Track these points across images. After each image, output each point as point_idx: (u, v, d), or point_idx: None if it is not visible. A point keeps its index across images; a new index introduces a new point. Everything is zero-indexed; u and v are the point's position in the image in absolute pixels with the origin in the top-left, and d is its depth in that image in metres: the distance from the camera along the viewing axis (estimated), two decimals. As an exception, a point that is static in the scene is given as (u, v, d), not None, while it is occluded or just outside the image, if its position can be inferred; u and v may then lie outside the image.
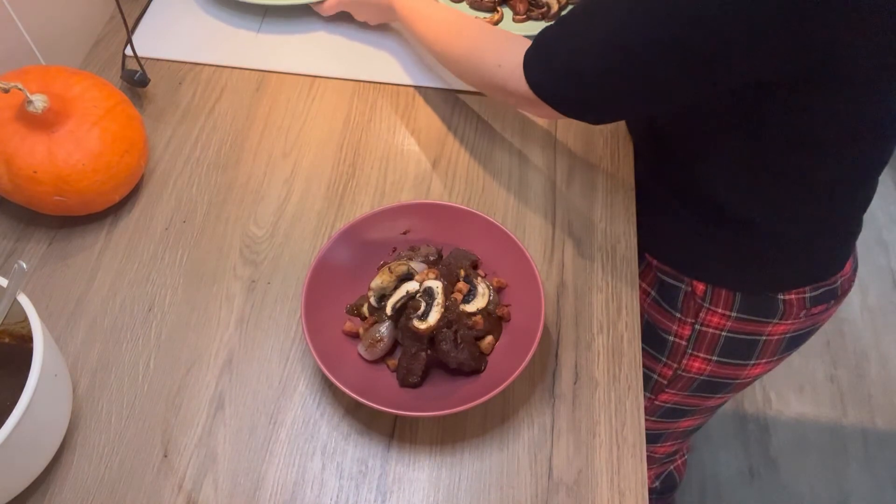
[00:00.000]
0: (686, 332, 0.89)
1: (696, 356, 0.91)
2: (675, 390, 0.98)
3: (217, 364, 0.76)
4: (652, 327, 0.93)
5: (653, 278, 0.91)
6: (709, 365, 0.91)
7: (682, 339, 0.90)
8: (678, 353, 0.92)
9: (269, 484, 0.69)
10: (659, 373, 0.97)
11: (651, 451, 1.17)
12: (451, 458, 0.71)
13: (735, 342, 0.87)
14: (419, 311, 0.71)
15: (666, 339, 0.92)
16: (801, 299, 0.83)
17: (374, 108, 0.98)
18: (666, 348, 0.93)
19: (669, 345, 0.92)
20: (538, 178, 0.91)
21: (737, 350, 0.88)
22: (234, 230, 0.86)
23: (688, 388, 0.96)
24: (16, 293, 0.64)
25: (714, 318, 0.86)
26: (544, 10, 1.05)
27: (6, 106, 0.77)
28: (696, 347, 0.90)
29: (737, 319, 0.85)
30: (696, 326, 0.88)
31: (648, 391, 1.01)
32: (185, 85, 1.00)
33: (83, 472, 0.70)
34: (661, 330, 0.92)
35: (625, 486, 0.69)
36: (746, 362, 0.90)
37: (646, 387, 1.00)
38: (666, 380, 0.97)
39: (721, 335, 0.87)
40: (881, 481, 1.63)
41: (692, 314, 0.87)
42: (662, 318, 0.91)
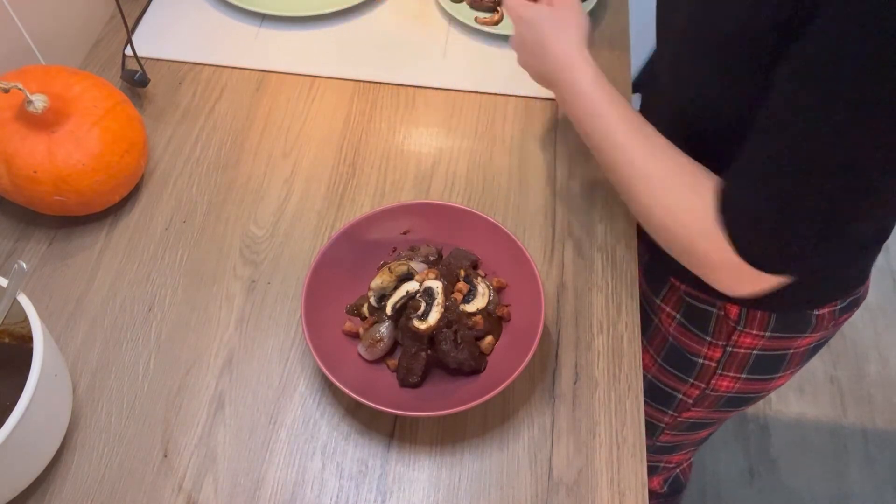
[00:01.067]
0: (717, 354, 0.86)
1: (726, 375, 0.89)
2: (702, 408, 0.96)
3: (217, 364, 0.76)
4: (678, 350, 0.90)
5: (678, 301, 0.87)
6: (737, 383, 0.89)
7: (712, 360, 0.87)
8: (707, 374, 0.90)
9: (269, 484, 0.69)
10: (685, 393, 0.95)
11: (665, 461, 1.17)
12: (451, 458, 0.71)
13: (765, 358, 0.85)
14: (419, 311, 0.71)
15: (694, 362, 0.89)
16: (832, 311, 0.81)
17: (374, 108, 0.98)
18: (694, 370, 0.90)
19: (698, 367, 0.89)
20: (538, 178, 0.91)
21: (766, 366, 0.86)
22: (234, 230, 0.86)
23: (714, 405, 0.95)
24: (16, 293, 0.64)
25: (747, 339, 0.83)
26: (544, 10, 1.05)
27: (6, 106, 0.77)
28: (725, 368, 0.87)
29: (770, 338, 0.83)
30: (727, 348, 0.85)
31: (672, 409, 0.99)
32: (185, 85, 1.00)
33: (83, 472, 0.69)
34: (689, 353, 0.89)
35: (625, 486, 0.69)
36: (773, 376, 0.88)
37: (669, 406, 0.98)
38: (692, 399, 0.95)
39: (752, 353, 0.85)
40: (881, 481, 1.63)
41: (724, 337, 0.84)
42: (690, 342, 0.88)
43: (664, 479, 1.26)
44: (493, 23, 1.05)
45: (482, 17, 1.06)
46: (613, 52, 1.05)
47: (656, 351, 0.94)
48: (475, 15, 1.06)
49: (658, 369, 0.96)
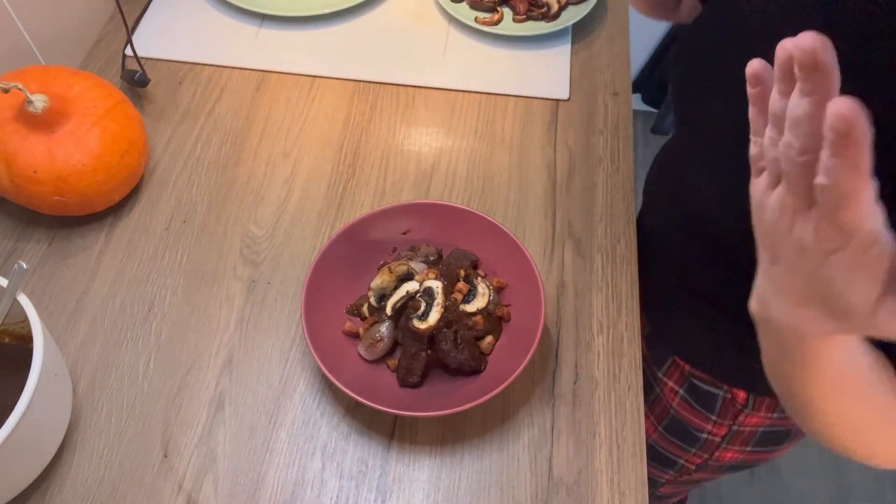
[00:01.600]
0: (722, 431, 0.85)
1: (731, 448, 0.88)
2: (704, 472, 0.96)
3: (217, 364, 0.76)
4: (681, 423, 0.88)
5: (681, 377, 0.86)
6: (742, 454, 0.89)
7: (717, 436, 0.86)
8: (711, 447, 0.89)
9: (269, 484, 0.69)
10: (687, 460, 0.94)
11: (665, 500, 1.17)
12: (451, 458, 0.71)
13: (772, 434, 0.84)
14: (419, 311, 0.71)
15: (698, 436, 0.88)
16: None
17: (374, 108, 0.98)
18: (697, 443, 0.89)
19: (702, 440, 0.88)
20: (538, 178, 0.91)
21: (772, 439, 0.86)
22: (234, 230, 0.86)
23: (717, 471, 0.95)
24: (16, 293, 0.64)
25: (754, 419, 0.82)
26: (544, 10, 1.05)
27: (6, 106, 0.77)
28: (731, 443, 0.87)
29: (778, 418, 0.82)
30: (733, 427, 0.84)
31: (675, 471, 0.97)
32: (185, 85, 1.00)
33: (83, 472, 0.70)
34: (693, 428, 0.88)
35: (625, 485, 0.69)
36: (778, 447, 0.88)
37: (671, 468, 0.97)
38: (694, 466, 0.94)
39: (758, 430, 0.84)
40: (881, 481, 1.63)
41: (730, 417, 0.83)
42: (694, 418, 0.87)
43: None
44: (493, 23, 1.05)
45: (482, 17, 1.06)
46: (613, 52, 1.05)
47: (657, 419, 0.92)
48: (475, 15, 1.06)
49: (659, 436, 0.94)
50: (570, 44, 1.06)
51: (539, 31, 1.04)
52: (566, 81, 1.01)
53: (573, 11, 1.06)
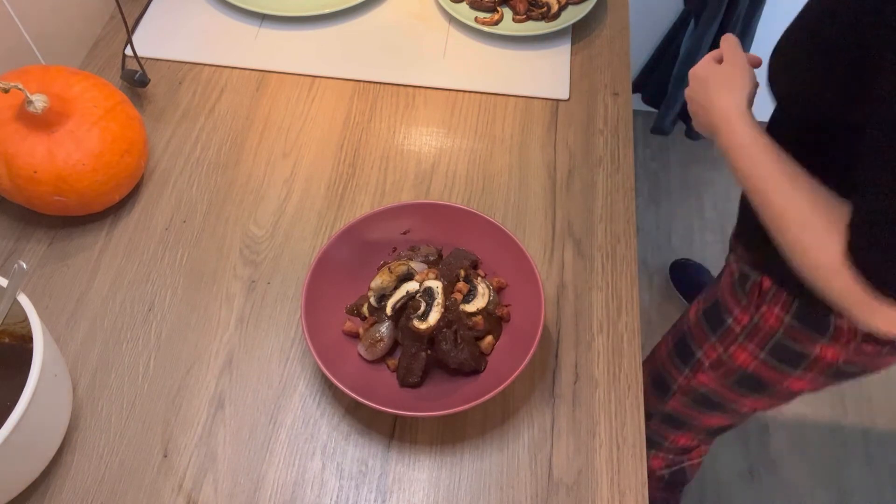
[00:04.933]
0: (745, 319, 0.89)
1: (746, 347, 0.90)
2: (715, 375, 0.97)
3: (217, 364, 0.76)
4: (718, 305, 0.94)
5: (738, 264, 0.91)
6: (754, 360, 0.91)
7: (739, 324, 0.90)
8: (729, 338, 0.92)
9: (269, 484, 0.69)
10: (705, 352, 0.97)
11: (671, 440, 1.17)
12: (451, 458, 0.71)
13: (785, 349, 0.86)
14: (419, 311, 0.71)
15: (725, 320, 0.92)
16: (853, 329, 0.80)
17: (374, 108, 0.98)
18: (721, 328, 0.93)
19: (725, 326, 0.92)
20: (538, 178, 0.91)
21: (785, 356, 0.87)
22: (234, 230, 0.86)
23: (727, 377, 0.96)
24: (16, 293, 0.64)
25: (771, 317, 0.85)
26: (544, 10, 1.05)
27: (6, 106, 0.77)
28: (748, 338, 0.90)
29: (790, 326, 0.84)
30: (754, 318, 0.88)
31: (689, 368, 1.01)
32: (185, 85, 1.00)
33: (83, 472, 0.70)
34: (724, 309, 0.92)
35: (625, 485, 0.69)
36: (791, 371, 0.89)
37: (687, 362, 1.01)
38: (709, 361, 0.97)
39: (774, 336, 0.86)
40: (881, 481, 1.63)
41: (753, 305, 0.87)
42: (730, 298, 0.91)
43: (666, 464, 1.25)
44: (492, 23, 1.05)
45: (482, 17, 1.06)
46: (613, 51, 1.05)
47: (705, 301, 0.98)
48: (475, 15, 1.06)
49: (696, 320, 0.98)
50: (570, 44, 1.06)
51: (539, 31, 1.04)
52: (566, 81, 1.01)
53: (573, 11, 1.06)
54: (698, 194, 2.05)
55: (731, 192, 2.04)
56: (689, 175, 2.09)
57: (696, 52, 1.65)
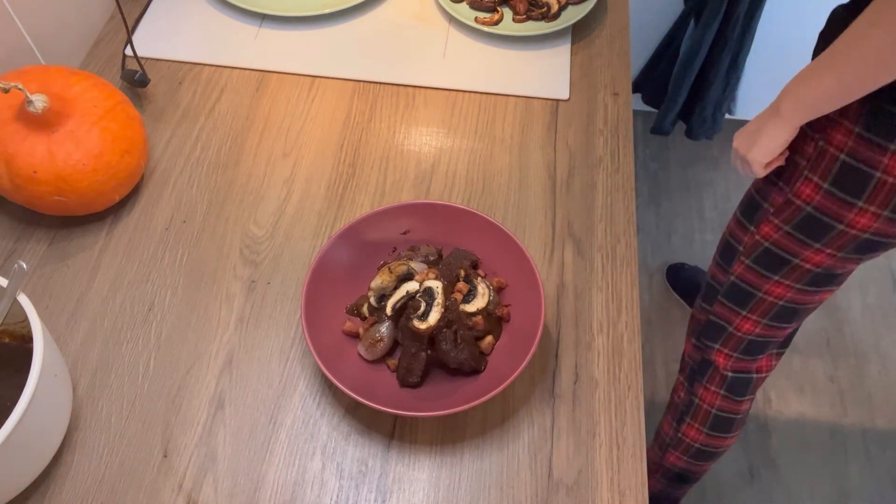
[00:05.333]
0: (810, 149, 0.90)
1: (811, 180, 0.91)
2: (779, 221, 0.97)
3: (217, 364, 0.76)
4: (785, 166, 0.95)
5: None
6: (818, 193, 0.90)
7: (804, 157, 0.91)
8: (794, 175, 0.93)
9: (269, 484, 0.69)
10: (771, 200, 0.98)
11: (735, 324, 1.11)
12: (451, 458, 0.71)
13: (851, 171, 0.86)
14: (419, 311, 0.71)
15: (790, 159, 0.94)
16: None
17: (374, 108, 0.98)
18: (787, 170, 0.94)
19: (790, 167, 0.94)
20: (538, 178, 0.91)
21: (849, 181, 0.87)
22: (234, 230, 0.86)
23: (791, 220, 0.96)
24: (16, 293, 0.64)
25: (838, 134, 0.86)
26: (544, 10, 1.05)
27: (6, 106, 0.77)
28: (812, 169, 0.90)
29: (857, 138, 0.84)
30: (820, 143, 0.88)
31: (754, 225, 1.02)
32: (185, 85, 1.00)
33: (83, 472, 0.70)
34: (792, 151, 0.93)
35: (625, 485, 0.69)
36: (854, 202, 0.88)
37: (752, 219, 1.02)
38: (774, 208, 0.97)
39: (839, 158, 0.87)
40: (881, 481, 1.63)
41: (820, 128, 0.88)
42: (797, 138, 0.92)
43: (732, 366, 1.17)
44: (492, 23, 1.05)
45: (482, 17, 1.06)
46: (613, 52, 1.05)
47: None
48: (475, 15, 1.06)
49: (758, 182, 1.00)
50: (570, 44, 1.06)
51: (539, 31, 1.04)
52: (566, 81, 1.01)
53: (573, 11, 1.06)
54: (698, 194, 2.05)
55: (732, 192, 2.05)
56: (689, 175, 2.09)
57: (696, 52, 1.65)
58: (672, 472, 1.36)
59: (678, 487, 1.41)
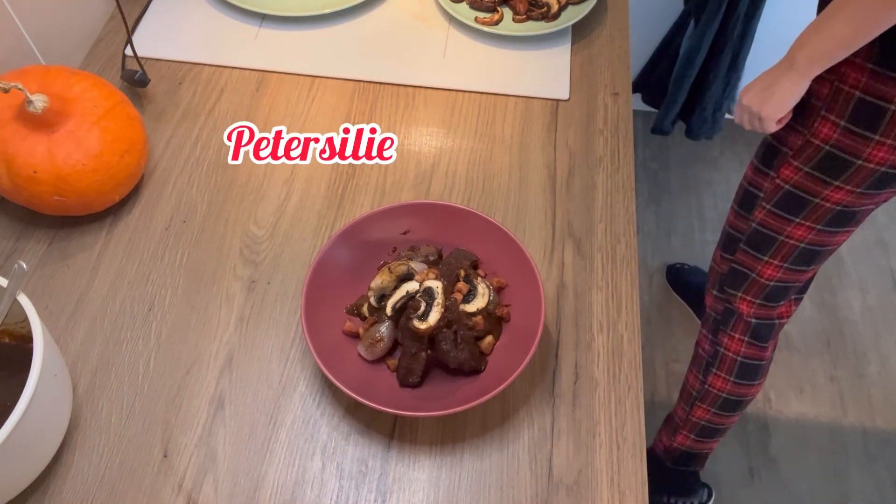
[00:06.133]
0: (825, 90, 0.91)
1: (827, 119, 0.92)
2: (798, 162, 0.98)
3: (217, 364, 0.76)
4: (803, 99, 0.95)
5: None
6: (836, 131, 0.92)
7: (820, 98, 0.92)
8: (811, 117, 0.94)
9: (269, 484, 0.69)
10: (790, 144, 0.99)
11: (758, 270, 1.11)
12: (451, 458, 0.71)
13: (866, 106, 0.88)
14: (419, 311, 0.71)
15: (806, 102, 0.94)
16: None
17: (374, 108, 0.98)
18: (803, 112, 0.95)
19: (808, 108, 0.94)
20: (538, 178, 0.91)
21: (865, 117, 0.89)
22: (234, 230, 0.86)
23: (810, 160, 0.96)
24: (16, 293, 0.64)
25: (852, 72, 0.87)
26: (544, 9, 1.05)
27: (6, 106, 0.77)
28: (828, 109, 0.91)
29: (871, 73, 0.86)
30: (835, 83, 0.90)
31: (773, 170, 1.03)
32: (185, 85, 1.00)
33: (83, 472, 0.70)
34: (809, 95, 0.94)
35: (625, 486, 0.69)
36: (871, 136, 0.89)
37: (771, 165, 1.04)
38: (793, 151, 0.98)
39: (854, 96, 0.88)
40: (881, 481, 1.63)
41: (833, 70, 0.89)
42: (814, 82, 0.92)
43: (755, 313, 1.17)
44: (492, 23, 1.05)
45: (482, 17, 1.06)
46: (613, 52, 1.05)
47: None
48: (475, 15, 1.06)
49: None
50: (570, 44, 1.06)
51: (539, 31, 1.04)
52: (566, 81, 1.01)
53: (573, 11, 1.06)
54: (698, 194, 2.05)
55: (731, 192, 2.04)
56: (689, 175, 2.09)
57: (696, 52, 1.65)
58: (700, 427, 1.35)
59: (706, 442, 1.40)
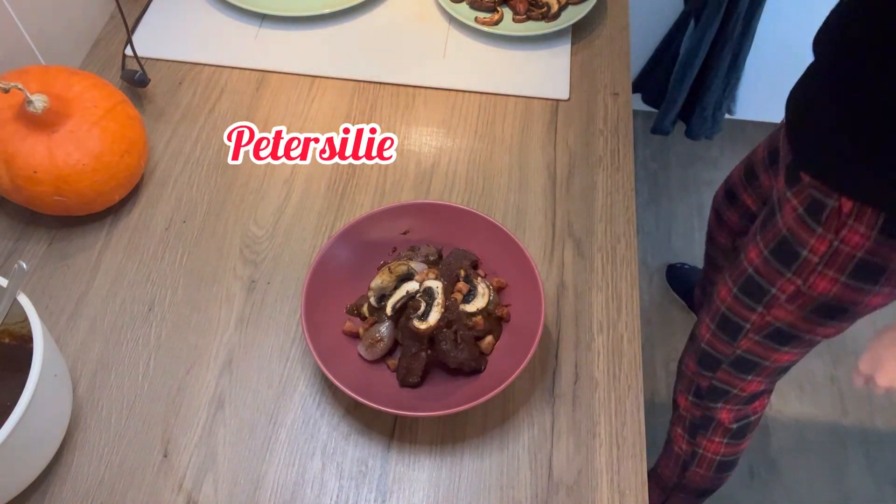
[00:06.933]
0: (822, 247, 0.87)
1: (825, 275, 0.89)
2: (794, 307, 0.95)
3: (217, 364, 0.76)
4: (787, 241, 0.91)
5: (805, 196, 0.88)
6: (835, 286, 0.89)
7: (816, 254, 0.88)
8: (807, 270, 0.90)
9: (269, 484, 0.69)
10: (779, 287, 0.95)
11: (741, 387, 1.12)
12: (451, 458, 0.71)
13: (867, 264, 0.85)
14: (419, 311, 0.71)
15: (799, 253, 0.90)
16: None
17: (374, 108, 0.98)
18: (796, 263, 0.91)
19: (801, 259, 0.90)
20: (538, 178, 0.91)
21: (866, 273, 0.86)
22: (234, 230, 0.86)
23: (805, 307, 0.94)
24: (16, 293, 0.64)
25: (855, 237, 0.84)
26: (544, 10, 1.05)
27: (6, 106, 0.77)
28: (827, 265, 0.88)
29: (876, 240, 0.83)
30: (834, 243, 0.86)
31: (763, 305, 0.98)
32: (185, 85, 1.00)
33: (83, 472, 0.70)
34: (797, 243, 0.90)
35: (625, 486, 0.69)
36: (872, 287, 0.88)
37: (761, 300, 0.98)
38: (785, 295, 0.95)
39: (856, 256, 0.85)
40: (881, 481, 1.63)
41: (833, 230, 0.85)
42: (801, 231, 0.89)
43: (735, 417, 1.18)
44: (492, 23, 1.05)
45: (482, 17, 1.06)
46: (613, 52, 1.05)
47: (766, 243, 0.95)
48: (475, 15, 1.06)
49: (761, 261, 0.96)
50: (570, 44, 1.06)
51: (539, 31, 1.04)
52: (566, 81, 1.01)
53: (573, 11, 1.06)
54: (698, 194, 2.05)
55: (731, 192, 2.04)
56: (689, 175, 2.09)
57: (696, 52, 1.65)
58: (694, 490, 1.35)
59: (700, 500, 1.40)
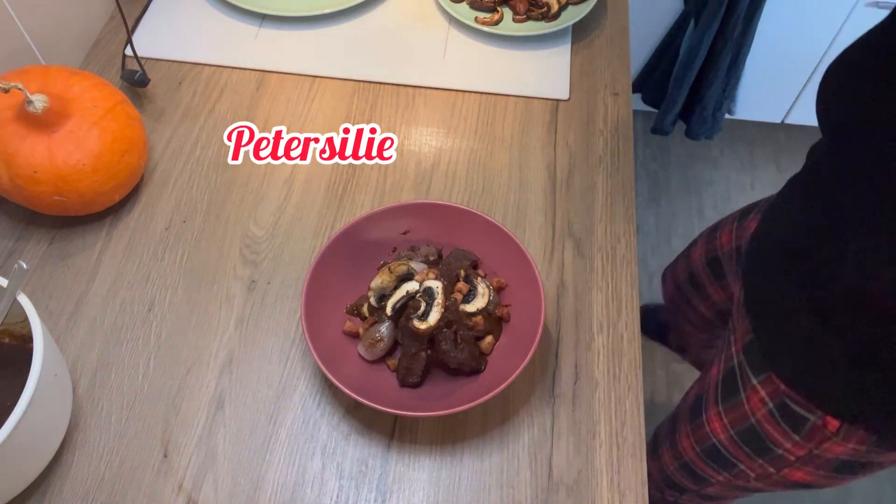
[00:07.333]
0: (800, 452, 0.80)
1: (801, 469, 0.82)
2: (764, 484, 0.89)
3: (217, 364, 0.76)
4: (758, 434, 0.83)
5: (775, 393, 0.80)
6: (812, 476, 0.82)
7: (792, 455, 0.81)
8: (781, 464, 0.83)
9: (269, 484, 0.69)
10: (749, 467, 0.87)
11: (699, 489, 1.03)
12: (451, 458, 0.71)
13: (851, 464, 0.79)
14: (419, 311, 0.71)
15: (772, 450, 0.82)
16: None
17: (374, 108, 0.98)
18: (768, 456, 0.83)
19: (774, 455, 0.83)
20: (538, 178, 0.91)
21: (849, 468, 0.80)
22: (234, 230, 0.86)
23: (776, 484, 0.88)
24: (16, 293, 0.64)
25: (840, 448, 0.76)
26: (544, 10, 1.05)
27: (6, 106, 0.77)
28: (805, 464, 0.81)
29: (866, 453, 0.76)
30: (814, 451, 0.78)
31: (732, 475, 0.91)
32: (185, 85, 1.00)
33: (83, 472, 0.70)
34: (771, 442, 0.82)
35: (625, 486, 0.69)
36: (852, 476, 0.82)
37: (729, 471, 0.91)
38: (755, 474, 0.88)
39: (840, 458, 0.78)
40: (881, 481, 1.63)
41: (815, 442, 0.78)
42: (776, 433, 0.81)
43: None
44: (492, 23, 1.05)
45: (482, 17, 1.06)
46: (613, 52, 1.05)
47: (732, 423, 0.86)
48: (475, 15, 1.06)
49: (728, 439, 0.87)
50: (570, 44, 1.06)
51: (539, 31, 1.04)
52: (566, 81, 1.01)
53: (573, 11, 1.06)
54: (698, 194, 2.05)
55: (731, 192, 2.05)
56: (689, 175, 2.09)
57: (696, 52, 1.65)
58: None
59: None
